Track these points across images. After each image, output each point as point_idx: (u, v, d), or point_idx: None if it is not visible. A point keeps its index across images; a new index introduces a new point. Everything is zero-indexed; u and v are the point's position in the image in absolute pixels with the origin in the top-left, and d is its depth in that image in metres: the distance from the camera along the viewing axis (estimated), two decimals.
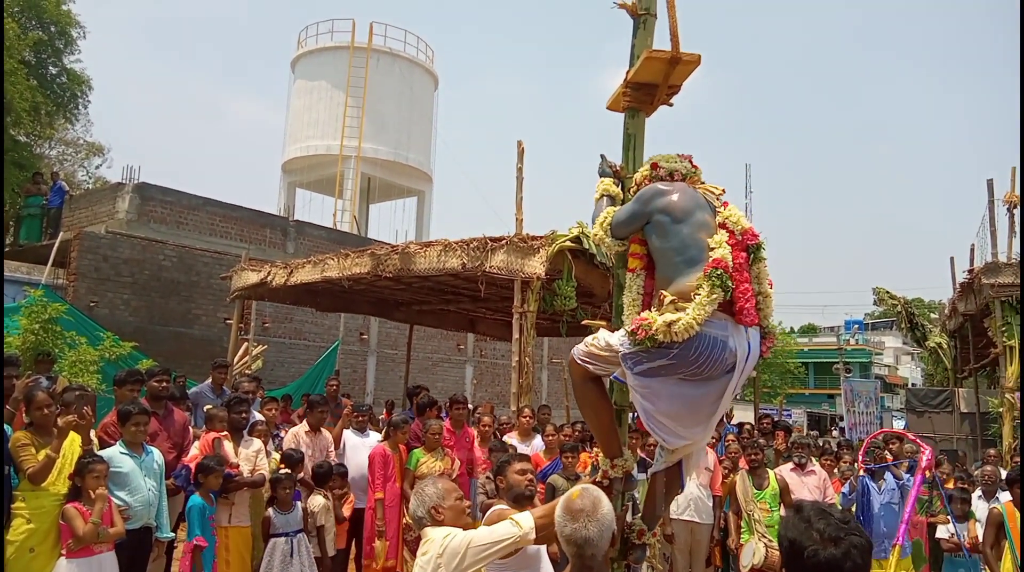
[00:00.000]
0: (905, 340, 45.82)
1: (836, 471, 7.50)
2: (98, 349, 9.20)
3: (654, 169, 2.98)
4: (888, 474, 6.71)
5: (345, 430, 7.18)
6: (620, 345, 2.74)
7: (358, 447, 7.01)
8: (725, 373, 2.67)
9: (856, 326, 59.63)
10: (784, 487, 6.68)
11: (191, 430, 6.31)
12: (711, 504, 7.02)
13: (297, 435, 6.78)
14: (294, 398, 10.59)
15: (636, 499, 3.28)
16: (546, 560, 3.23)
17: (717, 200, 2.93)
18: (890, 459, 7.01)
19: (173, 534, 5.49)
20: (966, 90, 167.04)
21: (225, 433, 5.83)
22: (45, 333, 8.90)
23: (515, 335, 7.76)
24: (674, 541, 6.87)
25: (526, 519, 2.63)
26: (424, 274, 8.78)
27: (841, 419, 26.86)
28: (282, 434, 7.19)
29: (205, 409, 6.32)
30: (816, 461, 7.39)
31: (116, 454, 4.96)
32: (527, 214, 8.45)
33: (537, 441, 7.46)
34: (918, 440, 6.78)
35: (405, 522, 6.40)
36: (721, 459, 7.41)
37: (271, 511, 5.76)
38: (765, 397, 35.66)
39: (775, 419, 9.89)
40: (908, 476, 6.94)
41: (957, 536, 6.51)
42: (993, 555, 5.83)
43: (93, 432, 5.24)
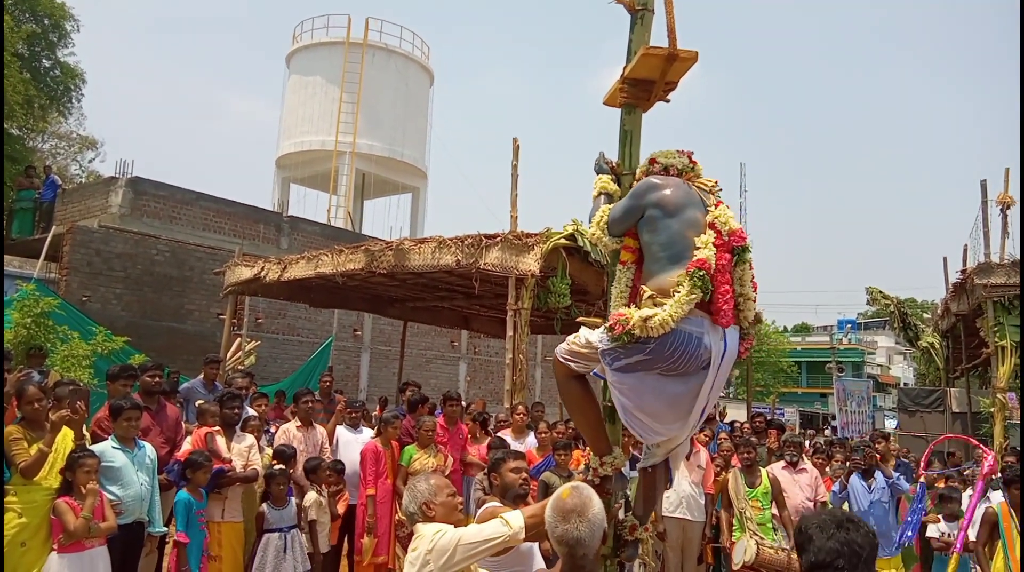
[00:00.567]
0: (898, 340, 46.04)
1: (828, 469, 7.53)
2: (90, 344, 9.16)
3: (651, 164, 2.99)
4: (878, 473, 6.74)
5: (338, 426, 7.18)
6: (599, 342, 2.76)
7: (351, 443, 7.00)
8: (701, 369, 2.68)
9: (849, 325, 59.84)
10: (776, 485, 6.71)
11: (183, 425, 6.29)
12: (703, 502, 7.03)
13: (288, 431, 6.77)
14: (287, 394, 10.56)
15: (629, 496, 3.28)
16: (538, 556, 3.24)
17: (711, 196, 2.93)
18: (879, 457, 7.04)
19: (165, 528, 5.48)
20: (961, 91, 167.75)
21: (217, 428, 5.82)
22: (37, 327, 8.86)
23: (509, 332, 7.76)
24: (666, 539, 6.88)
25: (516, 518, 2.64)
26: (418, 271, 8.77)
27: (833, 418, 26.94)
28: (272, 430, 7.17)
29: (197, 404, 6.31)
30: (808, 459, 7.43)
31: (108, 448, 4.94)
32: (522, 211, 8.46)
33: (531, 438, 7.46)
34: (982, 446, 6.88)
35: (398, 518, 6.40)
36: (713, 457, 7.43)
37: (265, 506, 5.75)
38: (758, 396, 35.74)
39: (767, 418, 9.93)
40: (898, 475, 6.98)
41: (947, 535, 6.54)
42: (985, 554, 5.87)
43: (85, 427, 5.22)
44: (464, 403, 8.87)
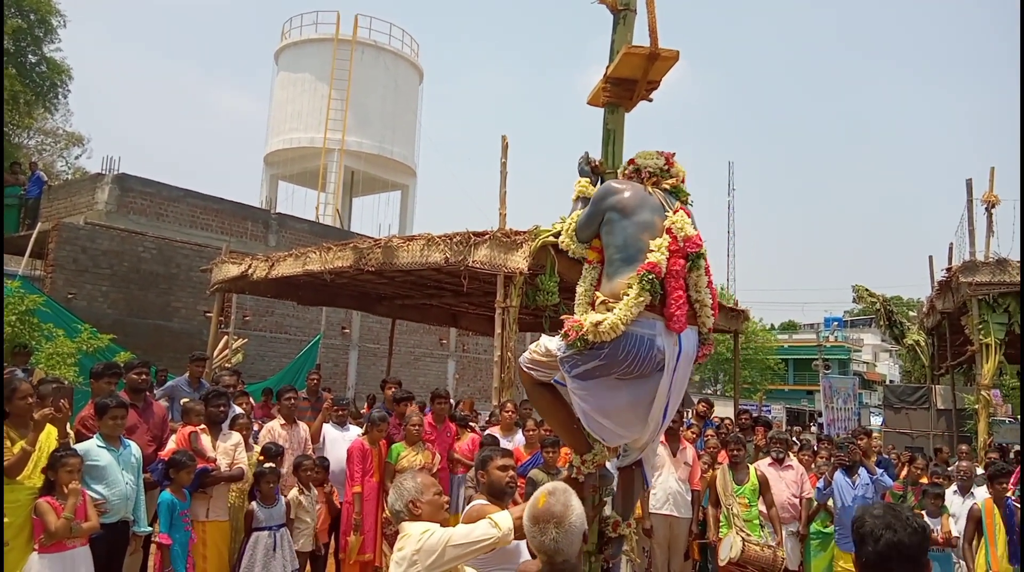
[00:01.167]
0: (883, 337, 46.38)
1: (813, 466, 7.58)
2: (75, 341, 9.09)
3: (629, 164, 3.01)
4: (862, 469, 6.79)
5: (325, 424, 7.16)
6: (557, 350, 2.78)
7: (338, 441, 6.98)
8: (656, 371, 2.69)
9: (835, 323, 60.21)
10: (764, 482, 6.74)
11: (169, 424, 6.25)
12: (690, 498, 7.06)
13: (272, 429, 6.74)
14: (275, 393, 10.53)
15: (614, 491, 3.28)
16: (525, 553, 3.24)
17: (675, 201, 2.93)
18: (862, 454, 7.08)
19: (150, 528, 5.44)
20: (947, 91, 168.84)
21: (203, 427, 5.78)
22: (22, 325, 8.78)
23: (497, 330, 7.77)
24: (652, 535, 6.90)
25: (505, 519, 2.63)
26: (407, 268, 8.76)
27: (820, 415, 27.10)
28: (255, 428, 7.14)
29: (182, 402, 6.27)
30: (794, 456, 7.47)
31: (93, 447, 4.90)
32: (510, 209, 8.48)
33: (519, 436, 7.46)
34: None
35: (384, 516, 6.38)
36: (700, 454, 7.46)
37: (255, 505, 5.72)
38: (745, 393, 35.91)
39: (754, 415, 9.97)
40: (882, 471, 7.03)
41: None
42: (970, 551, 5.92)
43: (70, 425, 5.18)
44: (453, 401, 8.87)
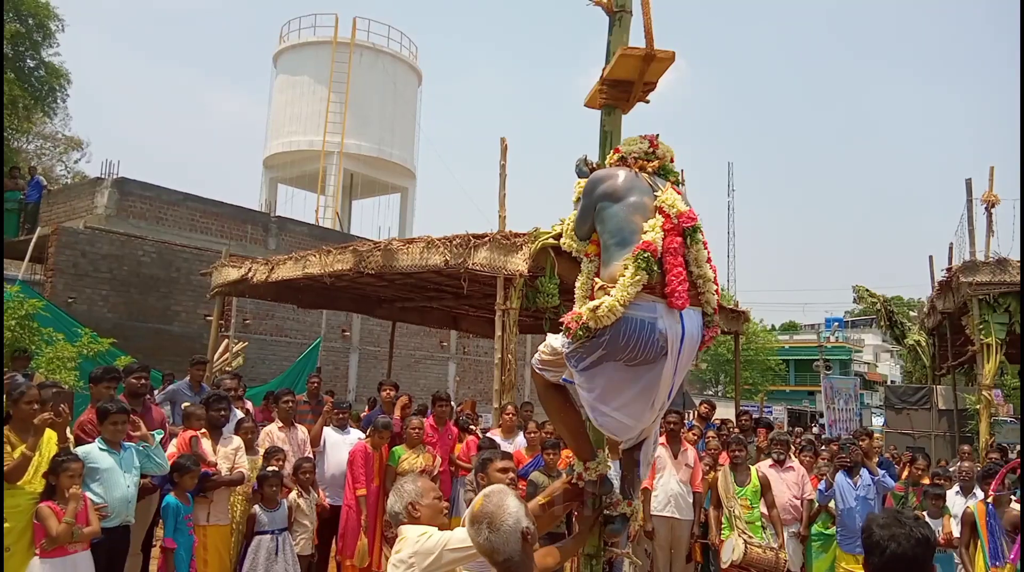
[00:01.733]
0: (884, 338, 46.35)
1: (814, 468, 7.56)
2: (76, 346, 9.08)
3: (614, 154, 2.98)
4: (864, 470, 6.78)
5: (325, 427, 7.15)
6: (562, 346, 2.75)
7: (338, 444, 6.98)
8: (661, 356, 2.63)
9: (836, 324, 60.16)
10: (766, 484, 6.73)
11: (168, 428, 6.24)
12: (691, 500, 7.05)
13: (271, 433, 6.74)
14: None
15: (615, 496, 3.25)
16: None
17: (672, 182, 2.90)
18: (864, 454, 7.08)
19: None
20: (947, 90, 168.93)
21: (203, 431, 5.78)
22: (21, 329, 8.77)
23: (498, 332, 7.76)
24: (654, 537, 6.90)
25: None
26: (407, 271, 8.75)
27: (821, 416, 27.08)
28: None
29: (183, 407, 6.27)
30: (795, 457, 7.46)
31: (94, 450, 4.90)
32: (510, 211, 8.46)
33: (520, 438, 7.46)
34: None
35: (385, 519, 6.37)
36: (701, 456, 7.45)
37: (257, 508, 5.71)
38: (746, 394, 35.90)
39: (754, 416, 9.96)
40: (883, 472, 7.02)
41: None
42: (968, 555, 5.91)
43: (69, 430, 5.17)
44: (454, 404, 8.87)
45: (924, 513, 6.75)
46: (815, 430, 24.72)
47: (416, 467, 6.32)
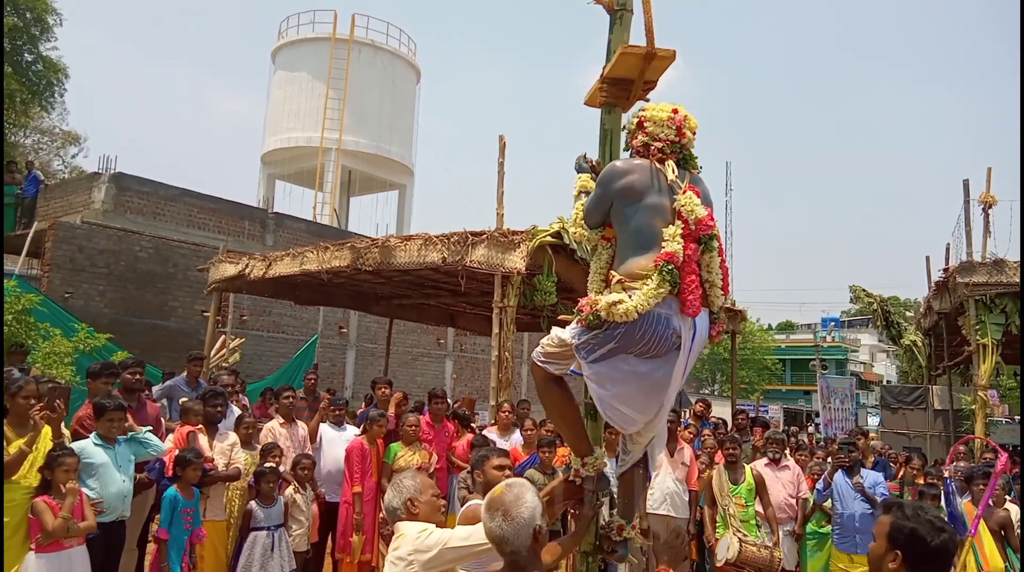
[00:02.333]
0: (881, 338, 46.45)
1: (807, 468, 7.59)
2: (72, 341, 9.07)
3: (639, 130, 2.94)
4: (864, 471, 6.80)
5: (322, 424, 7.15)
6: (572, 338, 2.77)
7: (335, 441, 6.97)
8: (673, 350, 2.70)
9: (833, 323, 60.21)
10: (760, 482, 6.74)
11: (163, 423, 6.24)
12: (687, 499, 7.06)
13: (272, 429, 6.74)
14: (273, 392, 10.51)
15: (614, 495, 3.28)
16: None
17: (688, 176, 2.90)
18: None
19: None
20: (944, 91, 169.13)
21: (200, 427, 5.78)
22: (18, 324, 8.77)
23: (495, 330, 7.77)
24: (651, 535, 6.90)
25: None
26: (404, 268, 8.75)
27: (817, 415, 27.13)
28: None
29: (180, 402, 6.26)
30: (790, 456, 7.47)
31: (89, 445, 4.90)
32: (508, 209, 8.47)
33: (516, 436, 7.46)
34: (997, 446, 7.07)
35: (381, 516, 6.38)
36: (697, 454, 7.46)
37: (254, 504, 5.71)
38: (742, 393, 35.94)
39: (751, 415, 9.98)
40: (880, 475, 7.04)
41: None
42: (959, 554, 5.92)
43: (66, 425, 5.17)
44: (450, 401, 8.86)
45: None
46: (810, 429, 24.79)
47: (412, 464, 6.32)
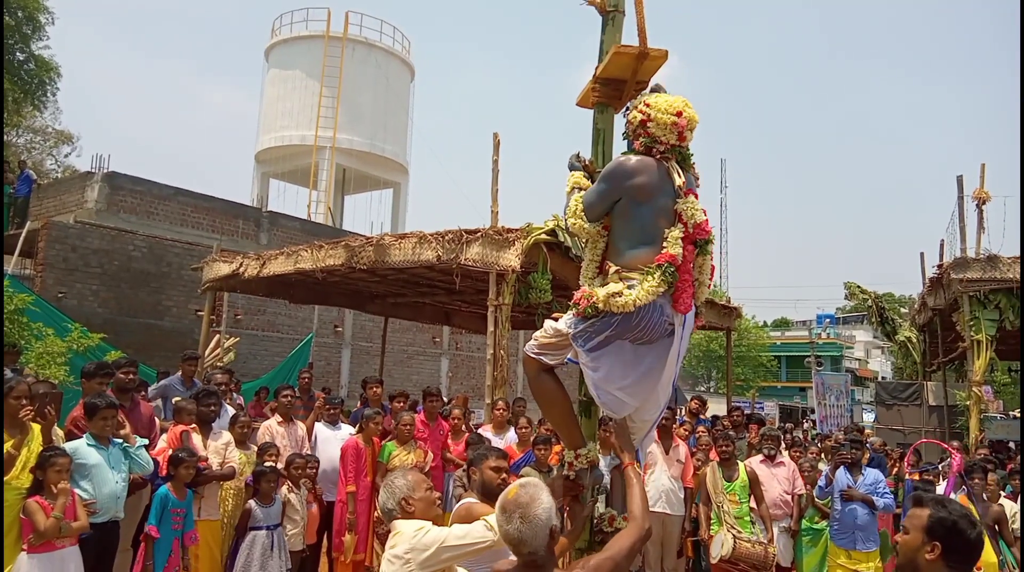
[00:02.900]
0: (875, 334, 46.49)
1: (799, 464, 7.59)
2: (66, 341, 9.02)
3: (642, 129, 2.90)
4: (866, 469, 6.83)
5: (317, 423, 7.14)
6: (568, 327, 2.87)
7: (330, 440, 6.96)
8: (666, 336, 2.84)
9: (827, 320, 60.42)
10: (754, 479, 6.74)
11: (158, 422, 6.22)
12: (683, 496, 7.07)
13: (270, 428, 6.73)
14: (268, 391, 10.49)
15: (607, 487, 3.29)
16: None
17: (688, 174, 2.97)
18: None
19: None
20: (939, 87, 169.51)
21: (194, 426, 5.76)
22: (11, 324, 8.72)
23: (490, 328, 7.76)
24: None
25: None
26: (399, 266, 8.74)
27: (813, 412, 27.20)
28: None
29: (174, 401, 6.24)
30: (786, 452, 7.48)
31: (83, 446, 4.87)
32: (503, 207, 8.48)
33: (511, 434, 7.46)
34: (949, 448, 7.11)
35: (376, 515, 6.37)
36: (693, 451, 7.46)
37: (253, 503, 5.69)
38: (738, 390, 36.01)
39: (746, 412, 9.99)
40: (881, 477, 7.06)
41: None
42: None
43: (60, 430, 5.14)
44: (445, 398, 8.86)
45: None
46: (806, 426, 24.85)
47: (407, 464, 6.30)
